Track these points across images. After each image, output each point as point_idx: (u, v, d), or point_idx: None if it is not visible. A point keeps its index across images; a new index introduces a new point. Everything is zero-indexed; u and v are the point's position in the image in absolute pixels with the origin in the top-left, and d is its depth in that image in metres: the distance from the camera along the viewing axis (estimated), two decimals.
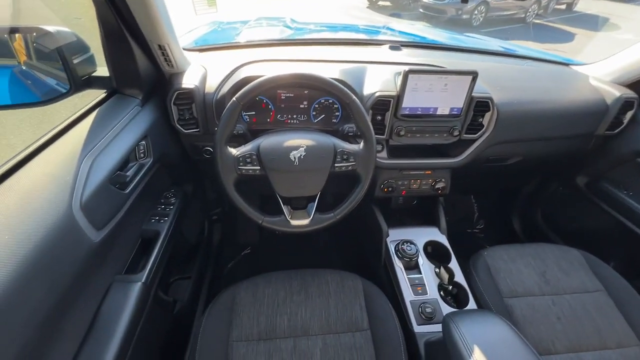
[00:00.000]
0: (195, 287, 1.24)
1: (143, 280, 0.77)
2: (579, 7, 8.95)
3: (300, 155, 0.80)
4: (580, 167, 1.38)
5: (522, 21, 7.34)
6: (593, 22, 8.17)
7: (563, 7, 8.92)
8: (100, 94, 0.84)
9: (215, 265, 1.47)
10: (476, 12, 6.68)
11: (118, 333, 0.66)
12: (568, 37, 6.95)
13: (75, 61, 0.76)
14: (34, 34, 0.76)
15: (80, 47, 0.78)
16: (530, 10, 7.40)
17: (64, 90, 0.77)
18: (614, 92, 1.15)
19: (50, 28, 0.72)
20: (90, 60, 0.81)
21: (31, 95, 0.81)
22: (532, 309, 0.92)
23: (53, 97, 0.76)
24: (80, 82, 0.78)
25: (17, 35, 0.77)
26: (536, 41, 6.33)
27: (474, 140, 1.08)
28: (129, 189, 0.75)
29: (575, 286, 0.99)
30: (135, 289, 0.74)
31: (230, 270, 1.58)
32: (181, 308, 1.07)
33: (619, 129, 1.20)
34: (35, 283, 0.48)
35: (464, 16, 6.63)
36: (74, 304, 0.60)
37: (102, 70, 0.84)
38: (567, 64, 1.39)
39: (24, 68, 0.81)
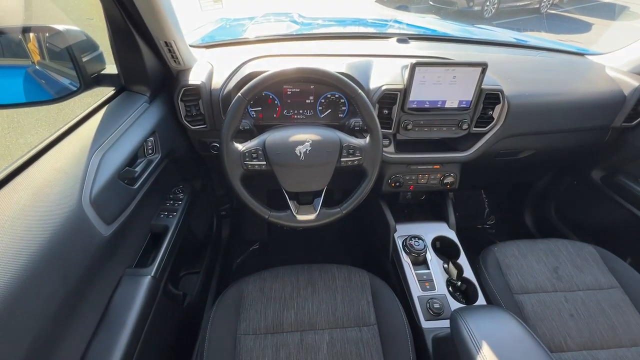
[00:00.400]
0: (204, 282, 1.25)
1: (152, 273, 0.78)
2: None
3: (306, 150, 0.79)
4: (595, 161, 1.34)
5: (537, 12, 7.10)
6: (610, 11, 7.84)
7: None
8: (109, 91, 0.86)
9: (224, 260, 1.49)
10: (488, 3, 6.47)
11: (129, 324, 0.68)
12: (584, 27, 6.70)
13: (84, 59, 0.77)
14: (47, 33, 0.78)
15: (90, 45, 0.79)
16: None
17: (74, 88, 0.78)
18: (632, 83, 1.10)
19: (61, 27, 0.74)
20: (99, 58, 0.83)
21: (44, 93, 0.83)
22: (543, 305, 0.91)
23: (64, 95, 0.78)
24: (89, 80, 0.80)
25: (31, 35, 0.79)
26: (551, 32, 6.12)
27: (483, 134, 1.06)
28: (138, 184, 0.77)
29: (589, 282, 0.96)
30: (145, 282, 0.76)
31: (238, 266, 1.60)
32: (190, 302, 1.09)
33: (637, 120, 1.16)
34: (48, 275, 0.49)
35: (475, 8, 6.44)
36: (85, 296, 0.62)
37: (111, 68, 0.85)
38: (582, 54, 1.34)
39: (37, 68, 0.84)
